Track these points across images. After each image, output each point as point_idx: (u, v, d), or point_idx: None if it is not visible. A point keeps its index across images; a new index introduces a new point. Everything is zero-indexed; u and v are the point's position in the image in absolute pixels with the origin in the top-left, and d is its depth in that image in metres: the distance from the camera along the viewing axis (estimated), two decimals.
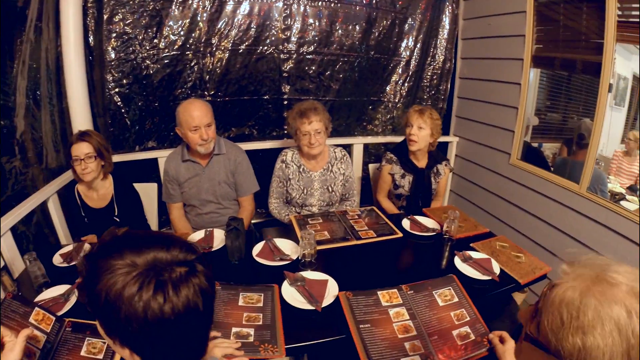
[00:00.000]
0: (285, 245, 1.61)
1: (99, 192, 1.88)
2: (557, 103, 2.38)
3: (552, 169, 2.30)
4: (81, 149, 1.74)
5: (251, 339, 1.10)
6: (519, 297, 2.25)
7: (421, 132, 1.97)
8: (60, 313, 1.22)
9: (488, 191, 2.66)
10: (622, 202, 1.97)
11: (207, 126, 1.78)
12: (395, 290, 1.28)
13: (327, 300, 1.25)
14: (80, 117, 2.18)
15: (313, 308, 1.21)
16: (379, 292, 1.26)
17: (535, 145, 2.49)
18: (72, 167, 1.78)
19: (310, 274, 1.38)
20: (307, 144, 1.88)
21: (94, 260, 0.60)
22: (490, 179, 2.62)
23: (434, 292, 1.28)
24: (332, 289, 1.31)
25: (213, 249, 1.60)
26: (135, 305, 0.56)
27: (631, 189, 1.98)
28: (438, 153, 2.16)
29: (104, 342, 1.10)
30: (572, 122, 2.29)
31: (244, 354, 1.02)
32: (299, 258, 1.48)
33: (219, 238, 1.69)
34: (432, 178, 2.12)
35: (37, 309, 1.14)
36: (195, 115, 1.75)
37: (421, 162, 2.10)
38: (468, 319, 1.18)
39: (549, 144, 2.49)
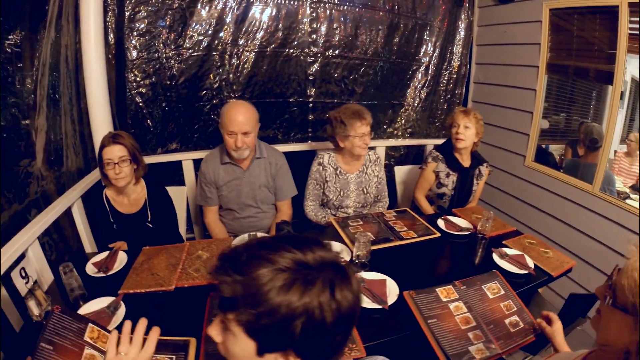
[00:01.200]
0: (333, 247, 1.61)
1: (131, 197, 1.79)
2: (562, 107, 2.51)
3: (561, 170, 2.43)
4: (114, 152, 1.65)
5: None
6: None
7: (467, 131, 2.04)
8: (109, 329, 1.13)
9: (504, 192, 2.77)
10: (627, 200, 2.12)
11: (244, 134, 1.72)
12: (450, 286, 1.35)
13: (391, 299, 1.28)
14: (100, 117, 2.09)
15: (379, 307, 1.24)
16: (437, 289, 1.33)
17: (544, 147, 2.62)
18: (103, 171, 1.70)
19: (366, 274, 1.40)
20: (362, 144, 1.88)
21: (250, 273, 0.54)
22: (506, 180, 2.73)
23: (483, 286, 1.37)
24: (392, 288, 1.34)
25: None
26: (327, 310, 0.54)
27: (634, 188, 2.12)
28: (479, 154, 2.23)
29: (170, 358, 1.05)
30: (576, 125, 2.43)
31: None
32: (352, 259, 1.49)
33: None
34: (475, 179, 2.18)
35: (90, 325, 1.04)
36: (234, 120, 1.70)
37: (466, 162, 2.15)
38: (515, 309, 1.28)
39: (554, 145, 2.63)
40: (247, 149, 1.78)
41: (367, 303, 1.25)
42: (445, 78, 2.88)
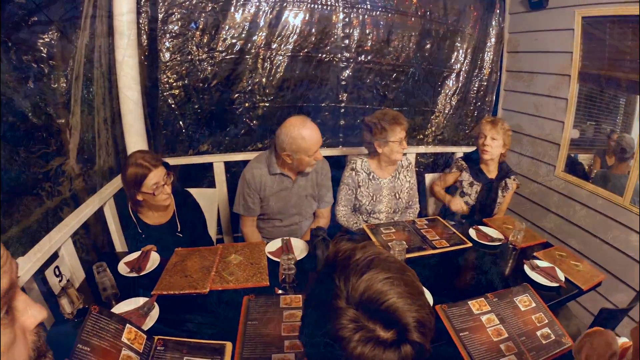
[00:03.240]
0: None
1: (159, 210, 1.73)
2: (591, 116, 2.45)
3: (590, 180, 2.35)
4: (159, 174, 1.56)
5: None
6: None
7: (494, 143, 1.99)
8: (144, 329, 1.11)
9: (533, 202, 2.69)
10: None
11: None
12: (483, 299, 1.34)
13: None
14: (133, 118, 2.08)
15: None
16: (469, 302, 1.32)
17: (573, 156, 2.55)
18: (136, 198, 1.59)
19: None
20: (400, 150, 1.86)
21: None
22: (536, 190, 2.65)
23: (514, 298, 1.36)
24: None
25: (297, 259, 1.52)
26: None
27: None
28: (508, 166, 2.17)
29: None
30: (604, 134, 2.36)
31: None
32: None
33: (299, 248, 1.63)
34: (500, 191, 2.11)
35: (128, 325, 1.03)
36: (316, 141, 1.70)
37: (492, 173, 2.10)
38: (547, 321, 1.27)
39: (583, 155, 2.57)
40: None
41: None
42: (476, 85, 2.84)
